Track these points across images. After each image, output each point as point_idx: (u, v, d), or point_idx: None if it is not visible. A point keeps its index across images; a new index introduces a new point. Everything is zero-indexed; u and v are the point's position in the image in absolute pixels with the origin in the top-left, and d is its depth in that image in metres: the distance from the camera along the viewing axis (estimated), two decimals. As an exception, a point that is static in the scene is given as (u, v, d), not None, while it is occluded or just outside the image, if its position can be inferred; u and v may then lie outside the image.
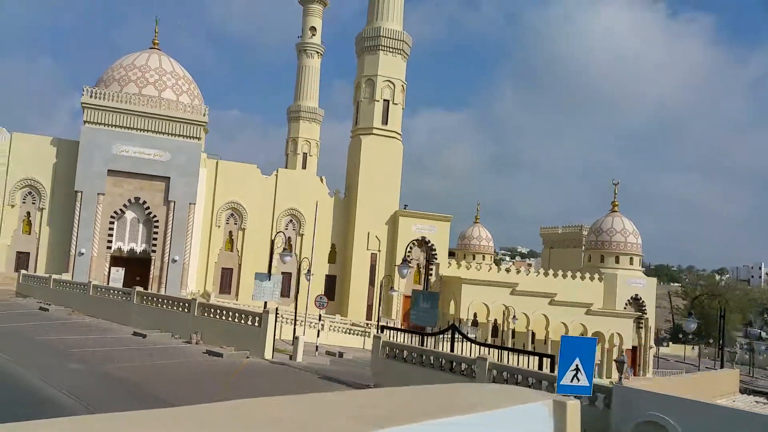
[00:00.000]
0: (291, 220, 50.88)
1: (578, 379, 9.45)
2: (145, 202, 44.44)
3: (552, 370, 14.18)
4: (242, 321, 22.48)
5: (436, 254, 52.30)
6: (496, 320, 52.07)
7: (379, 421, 1.42)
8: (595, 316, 53.44)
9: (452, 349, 16.62)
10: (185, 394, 15.56)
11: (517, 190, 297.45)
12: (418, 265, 52.57)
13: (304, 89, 73.92)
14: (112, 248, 43.82)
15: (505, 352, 19.41)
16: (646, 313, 60.34)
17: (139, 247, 44.89)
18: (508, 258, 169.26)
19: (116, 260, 44.37)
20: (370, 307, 50.74)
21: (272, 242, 27.81)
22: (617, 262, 61.24)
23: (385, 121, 51.98)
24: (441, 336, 17.79)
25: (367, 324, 45.58)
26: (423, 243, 52.32)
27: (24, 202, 43.28)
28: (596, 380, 11.79)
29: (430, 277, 52.38)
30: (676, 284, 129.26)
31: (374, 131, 51.69)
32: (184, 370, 18.81)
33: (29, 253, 42.94)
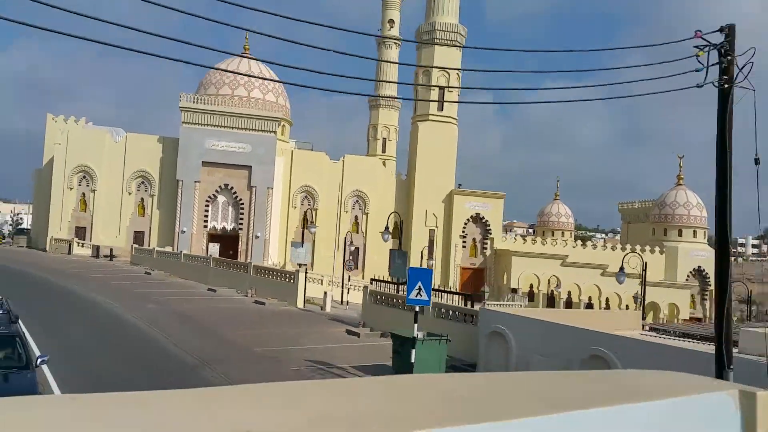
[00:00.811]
0: (357, 201, 56.91)
1: (421, 295, 14.21)
2: (232, 188, 52.27)
3: (472, 306, 18.79)
4: (282, 279, 28.66)
5: (490, 229, 56.20)
6: (552, 291, 55.10)
7: (555, 403, 1.38)
8: (650, 287, 54.87)
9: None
10: (226, 324, 21.74)
11: (647, 163, 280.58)
12: (474, 239, 56.75)
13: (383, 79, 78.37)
14: (208, 227, 52.14)
15: (446, 295, 24.02)
16: (710, 285, 60.40)
17: (229, 226, 52.94)
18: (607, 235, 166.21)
19: (212, 237, 52.67)
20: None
21: (304, 216, 33.79)
22: (680, 235, 61.71)
23: (441, 108, 56.27)
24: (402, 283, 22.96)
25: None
26: (478, 219, 56.35)
27: (138, 190, 52.59)
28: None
29: (485, 251, 56.55)
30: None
31: (430, 117, 56.20)
32: (233, 312, 25.17)
33: (143, 231, 52.25)
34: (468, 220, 56.06)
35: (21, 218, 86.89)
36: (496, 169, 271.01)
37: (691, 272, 60.44)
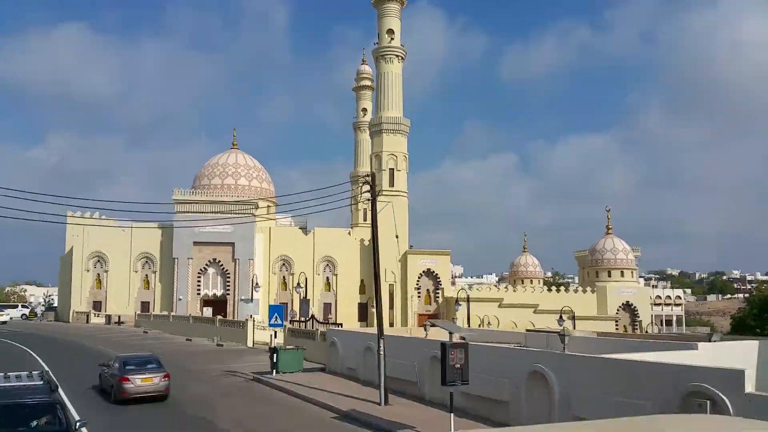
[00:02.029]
0: (327, 265, 66.17)
1: (277, 321, 23.22)
2: (219, 261, 61.93)
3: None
4: (236, 327, 37.65)
5: (440, 280, 64.82)
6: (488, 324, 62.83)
7: None
8: (579, 320, 62.53)
9: (312, 326, 30.41)
10: (183, 358, 30.56)
11: (673, 207, 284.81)
12: (427, 290, 65.31)
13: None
14: (201, 294, 61.47)
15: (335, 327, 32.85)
16: (639, 316, 67.86)
17: (219, 292, 62.27)
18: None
19: (206, 302, 61.90)
20: (391, 324, 63.99)
21: (257, 285, 42.82)
22: (609, 275, 69.73)
23: (391, 183, 66.18)
24: (308, 320, 31.84)
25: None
26: (429, 273, 65.11)
27: (143, 268, 62.48)
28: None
29: (437, 299, 64.98)
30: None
31: (384, 192, 65.92)
32: (194, 351, 34.07)
33: (149, 301, 61.74)
34: (421, 274, 64.82)
35: (52, 298, 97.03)
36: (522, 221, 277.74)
37: (621, 306, 68.01)
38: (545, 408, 14.16)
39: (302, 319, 31.45)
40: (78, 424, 11.16)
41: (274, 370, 23.78)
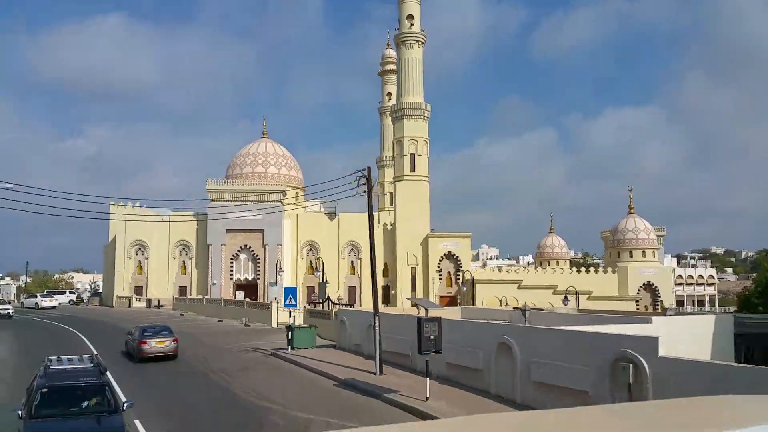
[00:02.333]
0: (352, 249, 68.59)
1: (291, 302, 25.57)
2: (250, 247, 65.01)
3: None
4: (262, 309, 40.37)
5: (461, 263, 66.54)
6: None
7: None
8: (598, 300, 63.55)
9: (328, 307, 32.78)
10: (210, 336, 33.35)
11: (721, 182, 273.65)
12: (448, 272, 67.15)
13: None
14: (233, 278, 64.77)
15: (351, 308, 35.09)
16: (660, 296, 68.30)
17: (250, 276, 65.44)
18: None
19: (238, 286, 65.16)
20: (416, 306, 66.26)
21: (281, 269, 45.42)
22: (631, 256, 70.18)
23: (413, 168, 67.89)
24: (324, 302, 34.24)
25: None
26: (450, 256, 66.86)
27: (180, 255, 66.09)
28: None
29: (458, 281, 66.77)
30: None
31: (405, 178, 67.85)
32: (227, 331, 36.87)
33: (186, 286, 65.39)
34: (442, 257, 66.65)
35: (97, 285, 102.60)
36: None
37: (642, 286, 68.53)
38: (510, 374, 16.07)
39: (320, 300, 33.87)
40: (125, 404, 11.78)
41: (290, 347, 26.22)
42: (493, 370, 16.76)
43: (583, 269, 70.71)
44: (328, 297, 36.43)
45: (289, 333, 26.47)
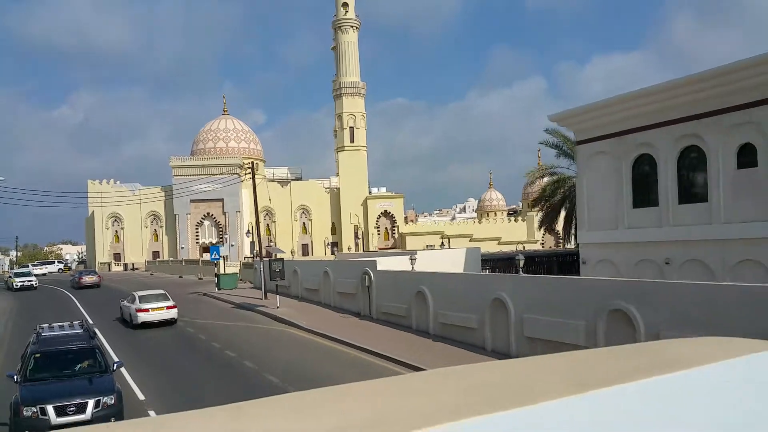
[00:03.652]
0: (303, 212, 77.74)
1: (216, 255, 34.76)
2: (213, 215, 73.82)
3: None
4: (212, 265, 49.63)
5: (395, 219, 76.07)
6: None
7: (584, 382, 1.24)
8: (505, 244, 73.58)
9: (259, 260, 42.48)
10: (174, 288, 42.55)
11: None
12: (386, 228, 76.70)
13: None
14: (199, 242, 73.81)
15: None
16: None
17: (214, 240, 74.43)
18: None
19: (204, 249, 74.14)
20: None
21: (249, 231, 54.51)
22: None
23: (352, 140, 76.48)
24: (254, 257, 43.86)
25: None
26: (386, 214, 76.30)
27: (152, 224, 74.80)
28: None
29: (394, 235, 76.39)
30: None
31: (345, 148, 76.49)
32: (183, 283, 46.10)
33: (158, 251, 74.38)
34: (380, 215, 76.08)
35: (84, 255, 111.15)
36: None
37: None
38: (296, 284, 25.60)
39: (253, 255, 43.10)
40: (115, 365, 12.48)
41: (217, 288, 35.59)
42: (297, 286, 26.27)
43: (507, 220, 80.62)
44: (256, 252, 45.49)
45: (217, 278, 35.79)
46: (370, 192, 77.13)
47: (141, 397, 13.85)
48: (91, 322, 21.32)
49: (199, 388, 14.72)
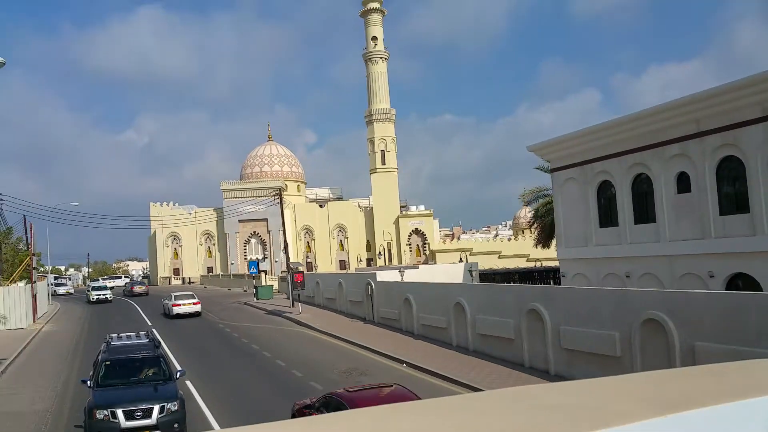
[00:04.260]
0: (339, 230, 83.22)
1: (254, 269, 40.13)
2: (258, 233, 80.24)
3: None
4: (256, 279, 55.45)
5: (426, 237, 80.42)
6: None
7: (662, 405, 1.19)
8: (506, 258, 76.56)
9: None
10: (220, 299, 48.37)
11: None
12: (417, 245, 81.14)
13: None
14: (247, 258, 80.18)
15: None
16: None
17: (260, 256, 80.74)
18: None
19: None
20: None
21: (284, 248, 60.31)
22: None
23: (383, 162, 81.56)
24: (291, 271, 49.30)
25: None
26: (417, 232, 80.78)
27: (206, 242, 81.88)
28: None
29: (425, 252, 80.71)
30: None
31: (378, 170, 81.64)
32: (229, 294, 51.91)
33: (212, 266, 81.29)
34: (411, 233, 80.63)
35: (148, 270, 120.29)
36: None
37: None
38: (341, 296, 30.35)
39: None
40: (178, 373, 13.13)
41: (255, 298, 40.96)
42: (340, 298, 31.08)
43: (525, 237, 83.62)
44: (290, 266, 50.88)
45: (255, 290, 41.22)
46: (401, 211, 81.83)
47: (178, 366, 16.77)
48: (144, 317, 27.39)
49: (226, 368, 19.79)
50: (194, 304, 33.40)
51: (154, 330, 24.30)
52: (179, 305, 32.99)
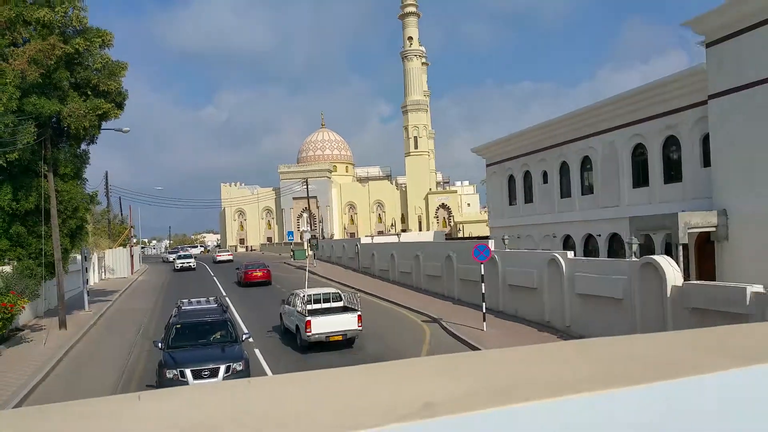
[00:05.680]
0: (378, 205, 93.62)
1: (290, 237, 51.10)
2: (309, 209, 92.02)
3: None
4: (300, 246, 67.00)
5: (451, 210, 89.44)
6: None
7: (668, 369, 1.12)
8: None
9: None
10: (272, 259, 60.06)
11: None
12: (444, 218, 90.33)
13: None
14: (300, 230, 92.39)
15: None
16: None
17: (311, 230, 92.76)
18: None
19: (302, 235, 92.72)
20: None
21: (320, 221, 71.33)
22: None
23: (416, 147, 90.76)
24: (323, 238, 59.78)
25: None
26: (444, 206, 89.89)
27: (266, 217, 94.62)
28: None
29: (450, 224, 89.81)
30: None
31: (411, 153, 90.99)
32: (280, 257, 63.60)
33: (271, 237, 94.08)
34: (438, 207, 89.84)
35: (220, 240, 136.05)
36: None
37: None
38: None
39: (322, 237, 59.50)
40: (245, 336, 13.98)
41: (292, 258, 52.13)
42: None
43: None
44: (322, 235, 61.67)
45: (292, 252, 52.41)
46: (437, 187, 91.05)
47: (245, 330, 24.36)
48: (218, 283, 38.11)
49: (259, 299, 30.68)
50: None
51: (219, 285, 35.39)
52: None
